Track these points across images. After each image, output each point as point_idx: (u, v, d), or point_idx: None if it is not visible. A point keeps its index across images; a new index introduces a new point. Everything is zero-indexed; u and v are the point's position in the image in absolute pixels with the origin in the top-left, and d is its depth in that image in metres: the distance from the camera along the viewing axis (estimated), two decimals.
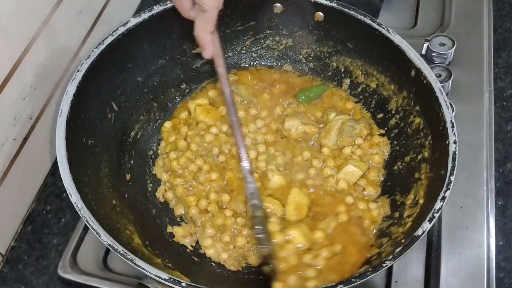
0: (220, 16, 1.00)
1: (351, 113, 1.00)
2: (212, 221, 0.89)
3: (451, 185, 0.78)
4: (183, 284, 0.71)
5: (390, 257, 0.74)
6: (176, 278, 0.72)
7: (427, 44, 1.09)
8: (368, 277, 0.72)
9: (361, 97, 1.02)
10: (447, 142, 0.82)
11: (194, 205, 0.91)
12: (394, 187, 0.91)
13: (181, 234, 0.90)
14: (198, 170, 0.94)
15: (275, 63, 1.07)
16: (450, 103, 0.86)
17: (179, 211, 0.93)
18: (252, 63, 1.08)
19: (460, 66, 1.09)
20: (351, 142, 0.95)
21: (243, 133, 0.91)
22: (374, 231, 0.87)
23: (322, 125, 0.98)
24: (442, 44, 1.10)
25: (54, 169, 1.00)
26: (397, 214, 0.87)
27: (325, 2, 0.96)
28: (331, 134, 0.95)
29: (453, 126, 0.83)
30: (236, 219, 0.89)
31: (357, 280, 0.72)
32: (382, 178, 0.93)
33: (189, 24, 0.99)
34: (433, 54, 1.09)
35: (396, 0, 1.24)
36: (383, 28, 0.91)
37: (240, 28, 1.03)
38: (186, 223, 0.91)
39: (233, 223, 0.89)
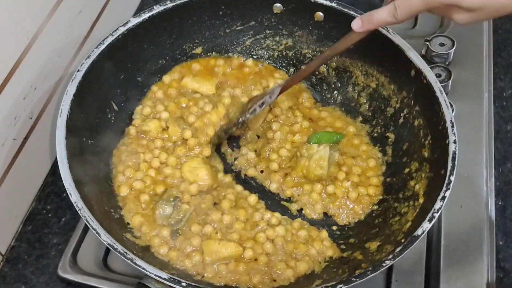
0: (220, 16, 1.01)
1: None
2: None
3: (451, 185, 0.78)
4: (183, 284, 0.72)
5: (390, 256, 0.74)
6: (176, 278, 0.72)
7: (427, 44, 1.09)
8: (368, 277, 0.72)
9: None
10: (447, 141, 0.82)
11: None
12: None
13: None
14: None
15: (274, 63, 1.07)
16: (450, 103, 0.86)
17: None
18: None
19: (460, 66, 1.09)
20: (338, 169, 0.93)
21: None
22: None
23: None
24: (442, 44, 1.10)
25: (54, 169, 1.00)
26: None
27: (325, 2, 0.96)
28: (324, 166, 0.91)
29: (453, 126, 0.83)
30: None
31: (357, 279, 0.72)
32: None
33: (189, 24, 1.00)
34: (433, 54, 1.09)
35: None
36: (383, 28, 0.90)
37: (240, 28, 1.03)
38: None
39: None
